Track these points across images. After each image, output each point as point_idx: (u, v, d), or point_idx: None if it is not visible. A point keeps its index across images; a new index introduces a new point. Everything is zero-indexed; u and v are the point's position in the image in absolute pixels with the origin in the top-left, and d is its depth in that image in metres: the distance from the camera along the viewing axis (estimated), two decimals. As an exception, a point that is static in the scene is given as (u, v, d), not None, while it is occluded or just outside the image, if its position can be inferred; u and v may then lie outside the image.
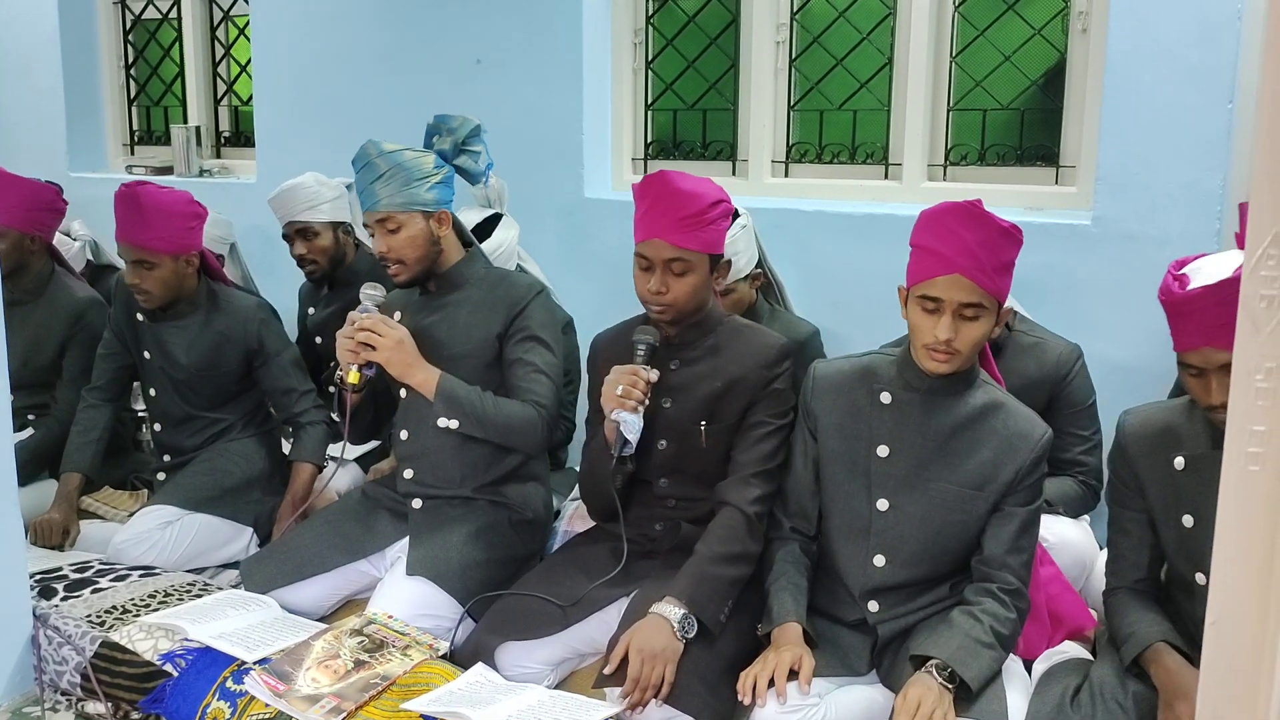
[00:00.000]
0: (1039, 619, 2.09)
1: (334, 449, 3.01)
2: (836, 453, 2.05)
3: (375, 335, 2.31)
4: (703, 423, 2.19)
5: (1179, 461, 1.88)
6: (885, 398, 2.01)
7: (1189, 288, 1.77)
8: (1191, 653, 1.81)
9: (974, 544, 1.98)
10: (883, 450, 2.00)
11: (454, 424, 2.37)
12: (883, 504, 1.99)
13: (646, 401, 2.10)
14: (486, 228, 3.03)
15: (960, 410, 1.97)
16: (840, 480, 2.05)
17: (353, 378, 2.33)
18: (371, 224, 2.39)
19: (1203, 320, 1.73)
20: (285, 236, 3.27)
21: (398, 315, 2.47)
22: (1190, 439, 1.88)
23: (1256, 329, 0.76)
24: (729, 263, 2.27)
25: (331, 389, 2.47)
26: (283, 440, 3.08)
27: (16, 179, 3.13)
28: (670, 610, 1.98)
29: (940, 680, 1.78)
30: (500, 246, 3.00)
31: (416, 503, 2.46)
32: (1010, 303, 2.65)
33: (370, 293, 2.39)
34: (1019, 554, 1.94)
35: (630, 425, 2.08)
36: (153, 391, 2.94)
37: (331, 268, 3.28)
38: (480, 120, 2.48)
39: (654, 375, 2.12)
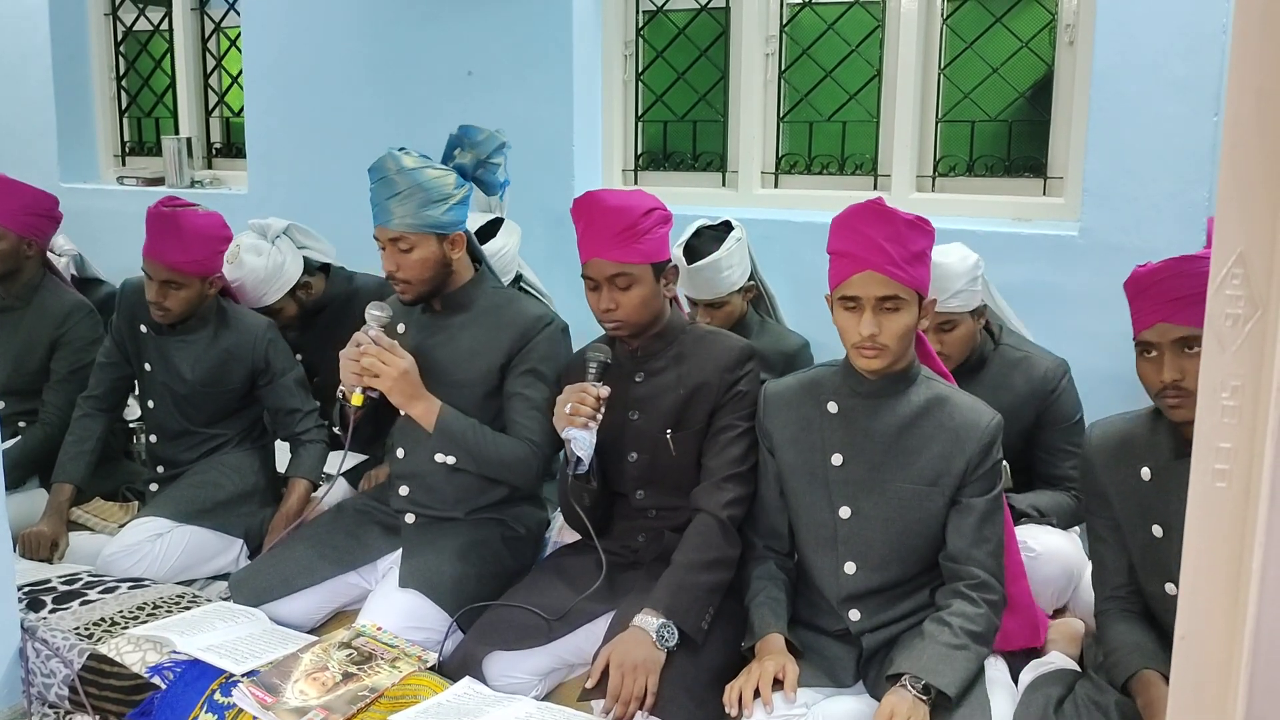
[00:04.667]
0: (1019, 609, 2.08)
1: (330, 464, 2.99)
2: (795, 467, 2.07)
3: (380, 364, 2.26)
4: (669, 431, 2.20)
5: (1145, 472, 1.88)
6: (832, 407, 2.04)
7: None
8: (1167, 665, 1.81)
9: (940, 541, 1.99)
10: (837, 459, 2.01)
11: (450, 460, 2.38)
12: (845, 511, 2.01)
13: (599, 417, 2.10)
14: (488, 232, 3.05)
15: (904, 409, 1.99)
16: (802, 493, 2.06)
17: (356, 400, 2.30)
18: (383, 240, 2.34)
19: (1160, 294, 1.77)
20: None
21: (401, 328, 2.45)
22: (1153, 450, 1.89)
23: (1222, 347, 0.77)
24: (675, 268, 2.28)
25: (339, 397, 2.40)
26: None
27: (16, 184, 3.14)
28: (648, 621, 1.99)
29: (914, 693, 1.79)
30: (501, 251, 3.02)
31: (410, 517, 2.46)
32: (1003, 312, 2.67)
33: (375, 313, 2.32)
34: (983, 544, 1.95)
35: (580, 442, 2.08)
36: (151, 404, 2.93)
37: (306, 320, 3.21)
38: (506, 138, 2.43)
39: (605, 391, 2.12)
